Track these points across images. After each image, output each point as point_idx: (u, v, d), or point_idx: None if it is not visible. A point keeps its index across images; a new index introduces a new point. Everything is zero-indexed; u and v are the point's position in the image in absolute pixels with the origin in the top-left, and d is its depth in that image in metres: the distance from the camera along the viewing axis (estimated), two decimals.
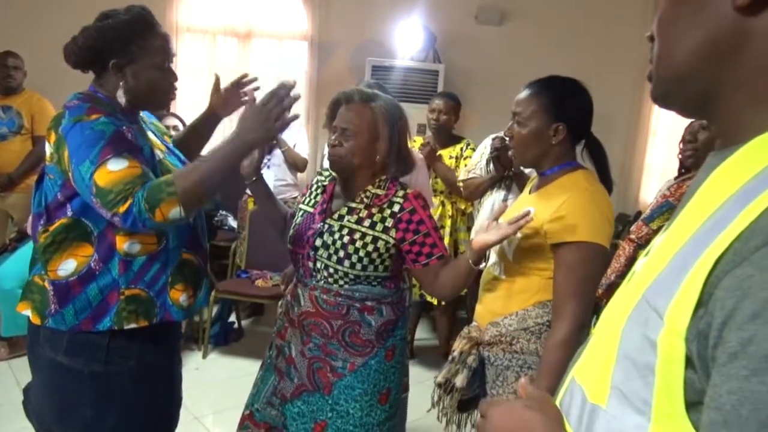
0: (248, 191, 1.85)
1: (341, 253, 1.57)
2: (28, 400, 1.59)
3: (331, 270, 1.59)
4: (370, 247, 1.56)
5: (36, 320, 1.42)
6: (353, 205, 1.62)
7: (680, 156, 2.14)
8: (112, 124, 1.35)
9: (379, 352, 1.62)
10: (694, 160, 1.82)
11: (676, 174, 2.34)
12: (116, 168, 1.30)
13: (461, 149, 3.40)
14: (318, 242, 1.60)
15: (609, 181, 1.57)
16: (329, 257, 1.58)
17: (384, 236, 1.57)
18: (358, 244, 1.56)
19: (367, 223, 1.58)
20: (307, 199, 1.75)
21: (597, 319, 2.01)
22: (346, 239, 1.57)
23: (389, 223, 1.57)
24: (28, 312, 1.45)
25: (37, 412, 1.53)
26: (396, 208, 1.58)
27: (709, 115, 0.61)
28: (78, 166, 1.32)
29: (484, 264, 1.49)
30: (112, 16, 1.42)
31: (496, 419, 0.65)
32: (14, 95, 3.72)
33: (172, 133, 3.47)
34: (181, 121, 3.63)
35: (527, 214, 1.38)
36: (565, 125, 1.48)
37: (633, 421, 0.52)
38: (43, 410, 1.50)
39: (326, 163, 1.83)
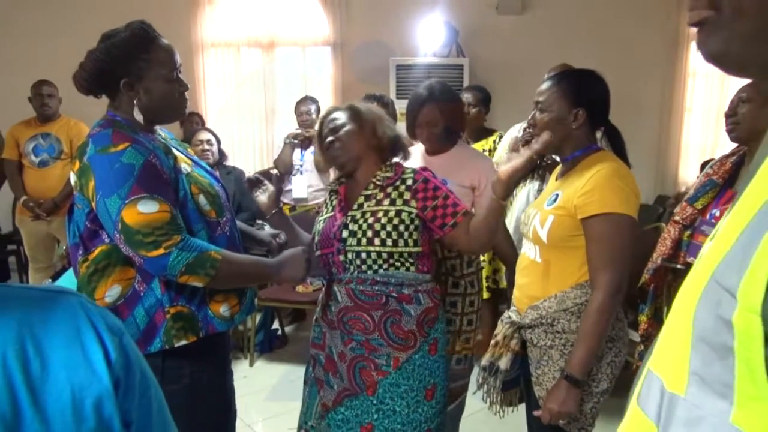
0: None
1: (369, 233, 1.60)
2: None
3: (363, 256, 1.61)
4: (396, 221, 1.61)
5: None
6: (368, 192, 1.68)
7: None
8: (140, 155, 1.36)
9: (423, 346, 1.63)
10: (736, 134, 1.76)
11: (717, 150, 2.27)
12: (147, 210, 1.32)
13: (494, 142, 3.37)
14: (345, 234, 1.64)
15: (627, 163, 1.63)
16: (359, 242, 1.61)
17: (406, 208, 1.62)
18: (384, 220, 1.61)
19: (386, 202, 1.64)
20: (324, 210, 1.81)
21: (649, 304, 1.96)
22: (371, 220, 1.62)
23: (407, 196, 1.64)
24: None
25: None
26: (409, 182, 1.66)
27: None
28: (105, 198, 1.33)
29: (510, 199, 1.52)
30: (113, 35, 1.43)
31: None
32: (51, 122, 3.85)
33: (206, 147, 3.56)
34: (214, 134, 3.69)
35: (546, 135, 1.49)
36: (584, 110, 1.56)
37: (715, 406, 0.49)
38: None
39: None
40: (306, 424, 1.77)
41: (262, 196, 1.82)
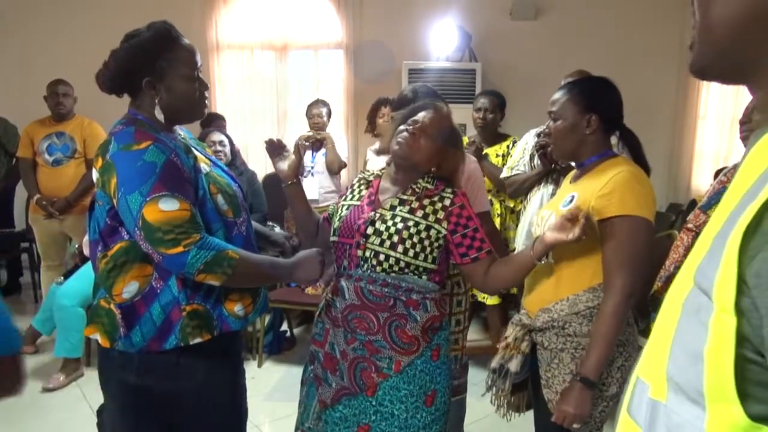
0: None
1: (395, 238, 1.59)
2: (102, 422, 1.63)
3: (381, 257, 1.60)
4: (423, 234, 1.60)
5: (105, 343, 1.44)
6: (404, 197, 1.67)
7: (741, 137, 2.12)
8: (162, 153, 1.37)
9: (425, 351, 1.62)
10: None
11: (731, 158, 2.26)
12: (167, 208, 1.34)
13: (507, 147, 3.37)
14: (369, 230, 1.62)
15: (647, 167, 1.64)
16: (381, 243, 1.60)
17: (436, 226, 1.62)
18: (412, 230, 1.60)
19: (419, 213, 1.63)
20: (350, 195, 1.78)
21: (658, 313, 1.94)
22: (399, 225, 1.61)
23: (441, 215, 1.63)
24: (96, 336, 1.46)
25: None
26: (447, 201, 1.65)
27: (751, 84, 0.58)
28: (126, 195, 1.34)
29: (544, 260, 1.53)
30: (137, 35, 1.45)
31: None
32: (66, 121, 3.88)
33: (219, 148, 3.58)
34: (227, 135, 3.70)
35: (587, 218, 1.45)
36: (597, 116, 1.58)
37: (690, 413, 0.50)
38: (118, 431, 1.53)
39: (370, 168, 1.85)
40: (303, 425, 1.75)
41: (282, 164, 1.78)
